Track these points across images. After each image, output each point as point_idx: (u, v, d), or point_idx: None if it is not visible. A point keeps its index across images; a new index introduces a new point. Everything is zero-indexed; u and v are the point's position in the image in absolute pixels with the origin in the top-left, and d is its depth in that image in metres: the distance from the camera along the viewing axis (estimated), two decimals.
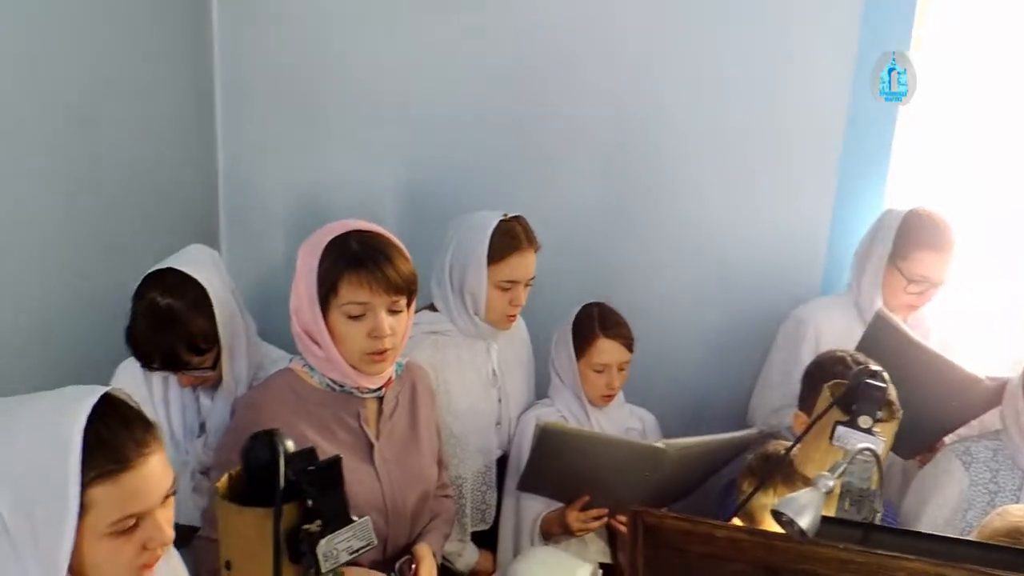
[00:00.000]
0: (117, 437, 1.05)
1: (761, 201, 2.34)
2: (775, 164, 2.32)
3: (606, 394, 2.00)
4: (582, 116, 2.37)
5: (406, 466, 1.59)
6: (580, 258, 2.43)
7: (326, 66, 2.45)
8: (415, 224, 2.41)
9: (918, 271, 2.05)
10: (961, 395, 1.91)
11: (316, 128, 2.50)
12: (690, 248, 2.41)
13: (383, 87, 2.44)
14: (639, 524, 1.14)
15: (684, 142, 2.35)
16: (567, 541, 1.96)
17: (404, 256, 1.50)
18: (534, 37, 2.34)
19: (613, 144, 2.39)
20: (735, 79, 2.28)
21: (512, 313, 1.95)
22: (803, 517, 1.01)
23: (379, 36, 2.41)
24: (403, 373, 1.64)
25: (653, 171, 2.38)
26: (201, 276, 1.60)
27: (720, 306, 2.43)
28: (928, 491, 1.89)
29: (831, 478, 1.07)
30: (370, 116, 2.47)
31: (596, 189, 2.42)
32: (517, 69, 2.36)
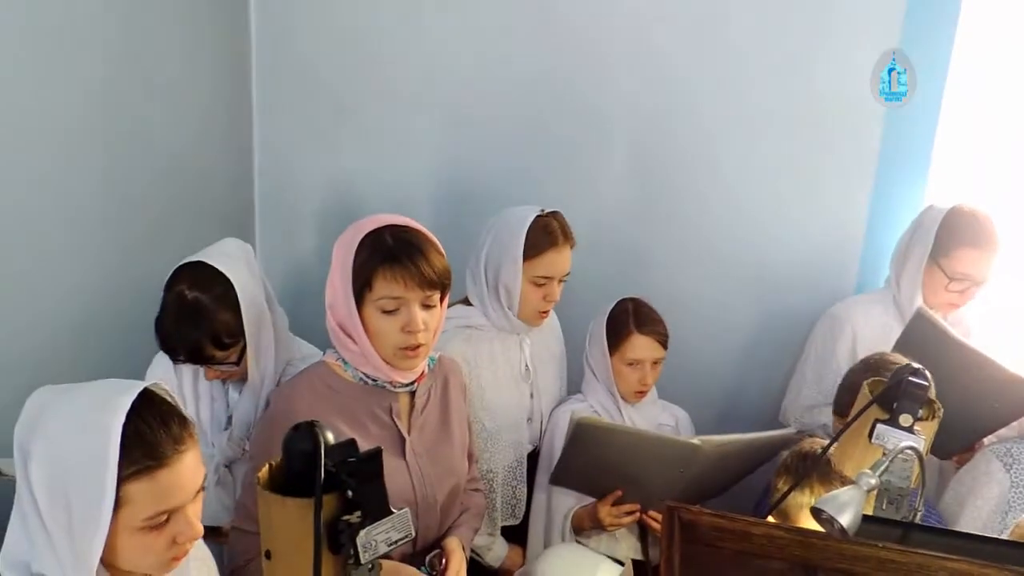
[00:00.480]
0: (155, 434, 1.06)
1: (796, 198, 2.32)
2: (810, 160, 2.29)
3: (639, 390, 1.99)
4: (615, 113, 2.37)
5: (437, 460, 1.59)
6: (613, 254, 2.43)
7: (360, 63, 2.47)
8: (448, 219, 2.42)
9: (960, 269, 2.01)
10: (1003, 395, 1.87)
11: (350, 124, 2.53)
12: (723, 245, 2.39)
13: (417, 85, 2.45)
14: (675, 520, 1.13)
15: (717, 139, 2.33)
16: (598, 537, 1.96)
17: (438, 251, 1.51)
18: (565, 34, 2.33)
19: (647, 141, 2.38)
20: (769, 74, 2.26)
21: (546, 309, 1.95)
22: (844, 515, 1.00)
23: (412, 34, 2.42)
24: (435, 367, 1.65)
25: (686, 168, 2.37)
26: (229, 270, 1.61)
27: (753, 303, 2.41)
28: (967, 492, 1.86)
29: (873, 476, 1.06)
30: (404, 113, 2.48)
31: (629, 186, 2.42)
32: (548, 66, 2.36)
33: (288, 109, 2.54)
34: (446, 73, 2.43)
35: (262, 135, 2.54)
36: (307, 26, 2.48)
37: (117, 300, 1.99)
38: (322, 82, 2.51)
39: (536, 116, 2.41)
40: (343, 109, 2.52)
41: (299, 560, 0.87)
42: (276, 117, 2.54)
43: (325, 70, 2.50)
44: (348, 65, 2.48)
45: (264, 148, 2.56)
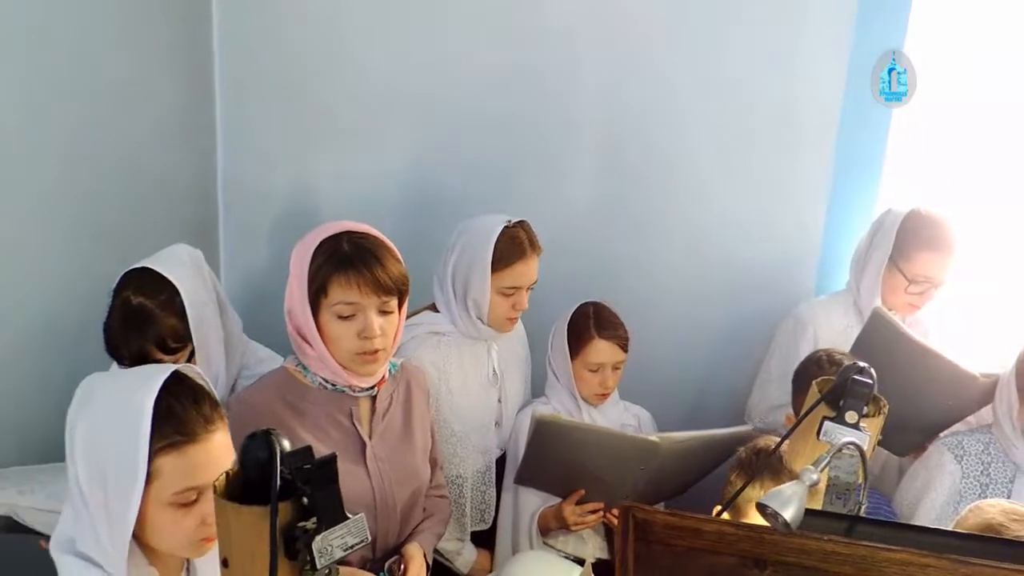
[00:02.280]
0: (186, 411, 1.12)
1: (756, 201, 2.37)
2: (770, 165, 2.34)
3: (600, 393, 2.03)
4: (582, 116, 2.40)
5: (398, 465, 1.61)
6: (579, 256, 2.46)
7: (326, 65, 2.47)
8: (416, 224, 2.44)
9: (919, 272, 2.06)
10: (957, 392, 1.92)
11: (316, 127, 2.52)
12: (687, 247, 2.43)
13: (383, 87, 2.46)
14: (630, 519, 1.16)
15: (681, 144, 2.37)
16: (565, 537, 1.99)
17: (395, 257, 1.53)
18: (534, 37, 2.36)
19: (612, 144, 2.41)
20: (730, 80, 2.30)
21: (514, 316, 1.98)
22: (787, 510, 1.03)
23: (379, 36, 2.43)
24: (398, 373, 1.67)
25: (650, 171, 2.41)
26: (175, 275, 1.63)
27: (716, 305, 2.45)
28: (922, 485, 1.91)
29: (815, 472, 1.09)
30: (370, 116, 2.49)
31: (595, 188, 2.45)
32: (517, 68, 2.38)
33: (253, 112, 2.53)
34: (413, 77, 2.44)
35: (226, 138, 2.54)
36: (272, 27, 2.47)
37: (76, 306, 1.98)
38: (288, 84, 2.51)
39: (503, 120, 2.43)
40: (309, 112, 2.52)
41: (256, 567, 0.88)
42: (240, 120, 2.53)
43: (291, 72, 2.50)
44: (314, 68, 2.49)
45: (228, 151, 2.55)
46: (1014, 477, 1.83)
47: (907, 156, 2.28)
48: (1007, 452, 1.84)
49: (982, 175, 2.26)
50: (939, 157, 2.27)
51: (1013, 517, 1.50)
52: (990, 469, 1.85)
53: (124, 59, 2.14)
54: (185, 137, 2.43)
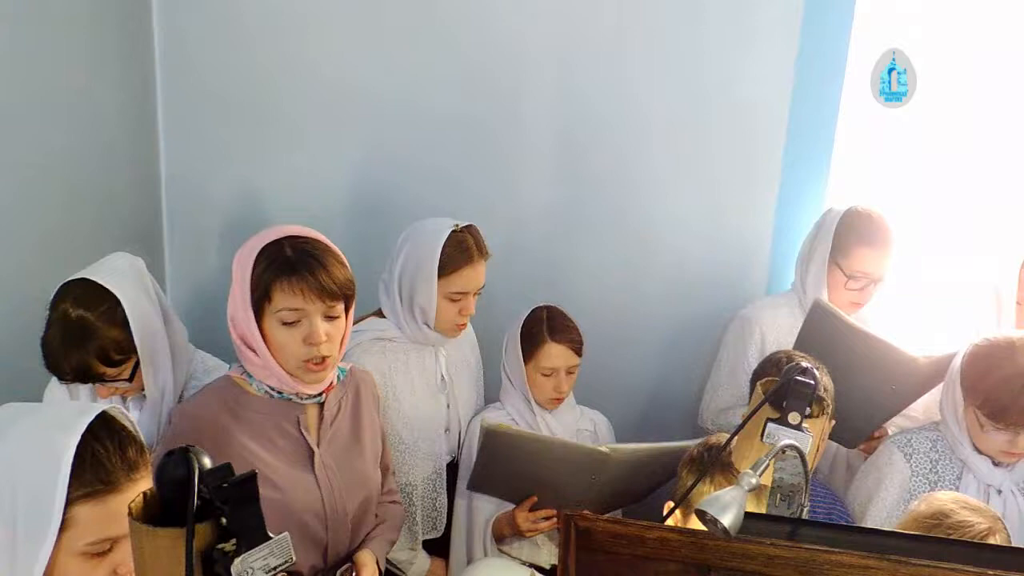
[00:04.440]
0: (110, 457, 1.05)
1: (708, 203, 2.37)
2: (721, 167, 2.35)
3: (555, 397, 2.01)
4: (533, 119, 2.38)
5: (348, 472, 1.59)
6: (531, 259, 2.44)
7: (271, 69, 2.42)
8: (364, 230, 2.40)
9: (857, 267, 2.08)
10: (900, 376, 1.95)
11: (263, 131, 2.47)
12: (640, 250, 2.43)
13: (332, 90, 2.41)
14: (571, 528, 1.14)
15: (632, 146, 2.37)
16: (519, 543, 1.97)
17: (340, 262, 1.51)
18: (486, 38, 2.33)
19: (564, 147, 2.40)
20: (681, 83, 2.30)
21: (462, 322, 1.96)
22: (726, 515, 1.02)
23: (326, 38, 2.38)
24: (346, 378, 1.64)
25: (602, 174, 2.40)
26: (116, 286, 1.58)
27: (670, 307, 2.45)
28: (873, 484, 1.92)
29: (754, 475, 1.08)
30: (319, 119, 2.44)
31: (547, 191, 2.43)
32: (467, 70, 2.36)
33: (196, 118, 2.46)
34: (362, 79, 2.40)
35: (169, 144, 2.47)
36: (215, 31, 2.40)
37: (13, 320, 1.91)
38: (232, 89, 2.45)
39: (454, 122, 2.40)
40: (256, 117, 2.46)
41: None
42: (183, 126, 2.46)
43: (235, 76, 2.44)
44: (259, 72, 2.43)
45: (171, 157, 2.49)
46: (961, 474, 1.84)
47: (854, 156, 2.30)
48: (954, 449, 1.86)
49: (927, 173, 2.29)
50: (886, 156, 2.30)
51: (963, 504, 1.54)
52: (938, 466, 1.86)
53: (63, 65, 2.08)
54: (126, 144, 2.37)
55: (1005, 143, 2.27)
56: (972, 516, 1.46)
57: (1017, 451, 1.78)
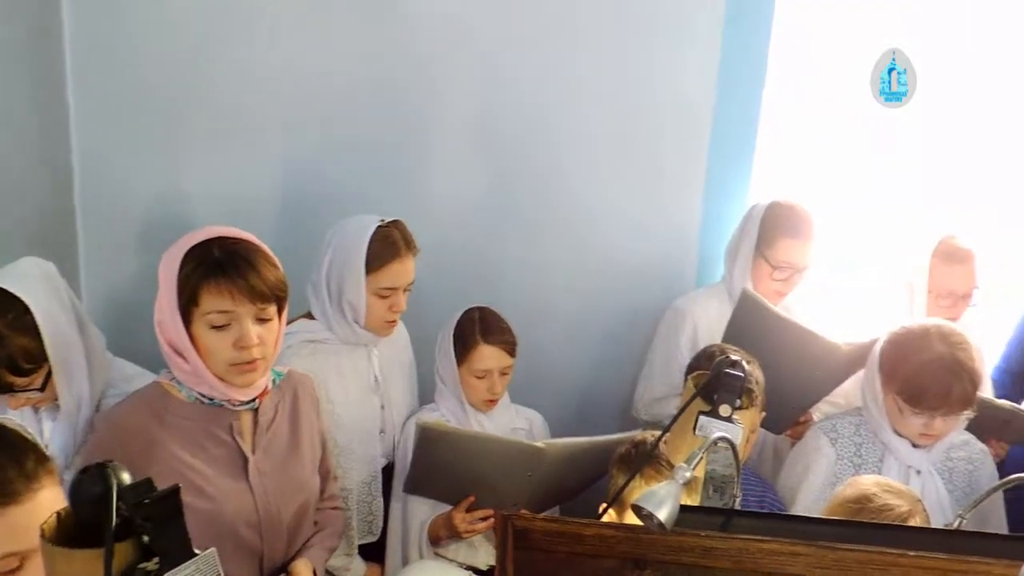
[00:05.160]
0: (5, 469, 1.01)
1: (637, 200, 2.39)
2: (648, 163, 2.37)
3: (489, 399, 2.00)
4: (464, 115, 2.35)
5: (284, 478, 1.55)
6: (463, 257, 2.42)
7: (194, 63, 2.30)
8: (294, 230, 2.32)
9: (782, 258, 2.14)
10: (824, 363, 2.02)
11: (185, 128, 2.35)
12: (571, 246, 2.43)
13: (257, 86, 2.32)
14: (508, 528, 1.13)
15: (563, 142, 2.36)
16: (456, 545, 1.95)
17: (271, 262, 1.47)
18: (409, 35, 2.29)
19: (494, 143, 2.38)
20: (609, 81, 2.31)
21: (392, 319, 1.93)
22: (662, 510, 1.03)
23: (251, 32, 2.29)
24: (283, 382, 1.61)
25: (533, 171, 2.39)
26: (25, 292, 1.51)
27: (602, 302, 2.46)
28: (801, 469, 1.97)
29: (688, 469, 1.10)
30: (243, 118, 2.34)
31: (477, 188, 2.41)
32: (392, 67, 2.31)
33: (113, 117, 2.33)
34: (285, 79, 2.32)
35: (82, 144, 2.34)
36: (128, 31, 2.29)
37: None
38: (151, 88, 2.34)
39: (381, 122, 2.35)
40: (175, 114, 2.34)
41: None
42: (98, 125, 2.32)
43: (154, 75, 2.33)
44: (179, 71, 2.33)
45: (85, 158, 2.35)
46: (883, 456, 1.91)
47: (775, 152, 2.37)
48: (875, 433, 1.92)
49: (845, 167, 2.37)
50: (805, 152, 2.38)
51: (885, 488, 1.60)
52: (862, 450, 1.93)
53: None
54: (36, 142, 2.24)
55: (918, 141, 2.36)
56: (894, 499, 1.52)
57: (934, 433, 1.85)
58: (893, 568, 1.07)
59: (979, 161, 2.39)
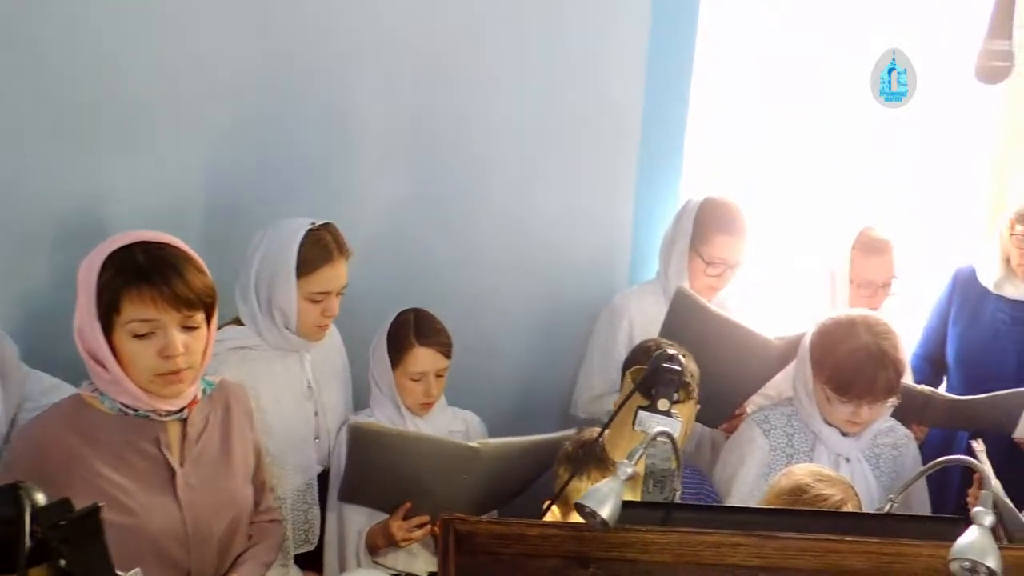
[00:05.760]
0: None
1: (571, 198, 2.39)
2: (581, 162, 2.37)
3: (424, 402, 1.97)
4: (394, 114, 2.31)
5: (215, 491, 1.50)
6: (397, 258, 2.37)
7: (112, 57, 2.18)
8: (222, 231, 2.22)
9: (715, 254, 2.17)
10: (757, 357, 2.06)
11: (102, 127, 2.22)
12: (506, 245, 2.41)
13: (180, 83, 2.20)
14: (451, 532, 1.11)
15: (496, 142, 2.34)
16: (395, 553, 1.92)
17: (197, 268, 1.42)
18: (334, 33, 2.23)
19: (426, 143, 2.34)
20: (542, 82, 2.30)
21: (325, 324, 1.88)
22: (604, 508, 1.02)
23: (172, 25, 2.17)
24: (215, 392, 1.56)
25: (467, 171, 2.37)
26: None
27: (539, 301, 2.46)
28: (736, 460, 2.01)
29: (630, 465, 1.10)
30: (166, 114, 2.22)
31: (411, 188, 2.37)
32: (320, 66, 2.25)
33: (18, 115, 2.19)
34: (210, 76, 2.21)
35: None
36: (33, 21, 2.15)
37: None
38: (65, 85, 2.21)
39: (309, 122, 2.28)
40: (91, 116, 2.24)
41: None
42: (6, 123, 2.21)
43: (68, 72, 2.19)
44: (96, 69, 2.20)
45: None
46: (814, 445, 1.96)
47: (704, 149, 2.42)
48: (807, 423, 1.97)
49: (772, 163, 2.43)
50: (734, 147, 2.43)
51: (818, 477, 1.64)
52: (793, 440, 1.97)
53: None
54: None
55: (836, 138, 2.44)
56: (828, 488, 1.56)
57: (861, 421, 1.91)
58: (831, 554, 1.09)
59: (897, 152, 2.48)
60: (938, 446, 2.28)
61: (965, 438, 2.06)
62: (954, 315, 2.28)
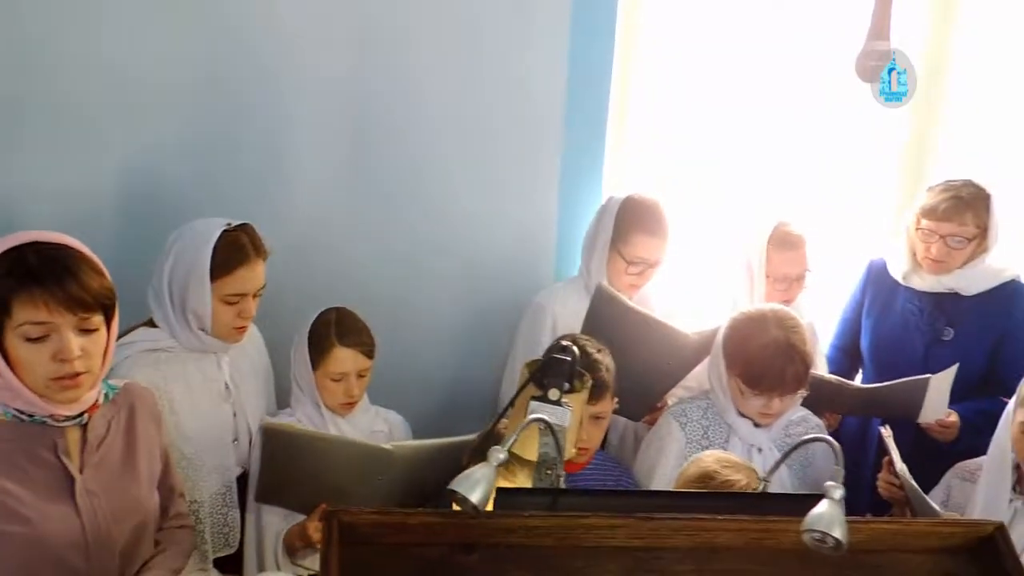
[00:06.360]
0: None
1: (496, 197, 2.41)
2: (506, 161, 2.39)
3: (346, 402, 1.97)
4: (316, 114, 2.30)
5: (118, 497, 1.48)
6: (322, 257, 2.38)
7: (15, 53, 2.14)
8: (138, 231, 2.18)
9: (636, 254, 2.20)
10: (674, 351, 2.10)
11: (19, 125, 2.19)
12: (432, 244, 2.43)
13: (91, 79, 2.17)
14: (334, 524, 1.12)
15: (422, 142, 2.36)
16: (313, 555, 1.91)
17: (95, 269, 1.40)
18: (258, 30, 2.22)
19: (351, 141, 2.35)
20: (461, 80, 2.32)
21: (242, 326, 1.87)
22: (475, 493, 1.04)
23: (80, 27, 2.15)
24: (118, 396, 1.54)
25: (390, 171, 2.38)
26: None
27: (465, 300, 2.48)
28: (654, 453, 2.05)
29: (502, 451, 1.12)
30: (77, 114, 2.19)
31: (334, 186, 2.37)
32: (248, 62, 2.23)
33: None
34: (125, 72, 2.18)
35: None
36: None
37: None
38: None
39: (232, 123, 2.27)
40: (14, 113, 2.20)
41: None
42: None
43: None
44: (15, 63, 2.15)
45: None
46: (728, 437, 2.00)
47: (624, 147, 2.46)
48: (721, 415, 2.02)
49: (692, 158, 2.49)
50: (657, 144, 2.48)
51: (724, 464, 1.68)
52: (709, 432, 2.02)
53: None
54: None
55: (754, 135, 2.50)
56: (733, 474, 1.61)
57: (773, 412, 1.96)
58: (703, 532, 1.12)
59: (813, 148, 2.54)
60: (854, 434, 2.35)
61: (878, 425, 2.11)
62: (867, 307, 2.34)
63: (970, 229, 2.15)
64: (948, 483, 1.99)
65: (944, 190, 2.16)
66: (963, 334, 2.21)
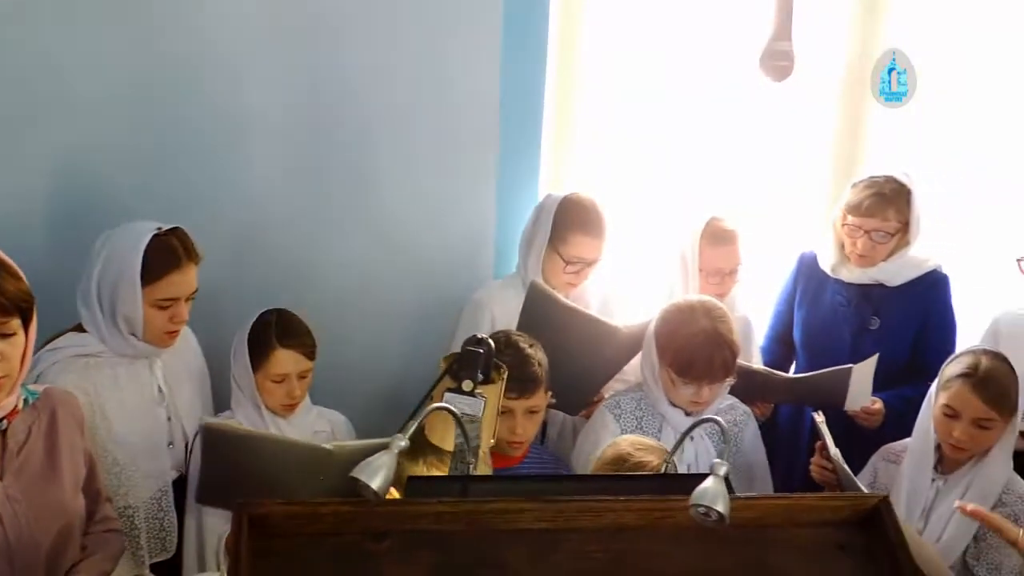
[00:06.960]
0: None
1: (435, 195, 2.44)
2: (445, 160, 2.42)
3: (287, 403, 1.98)
4: (256, 114, 2.30)
5: (40, 502, 1.48)
6: (262, 258, 2.37)
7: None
8: (69, 238, 2.13)
9: (574, 253, 2.23)
10: (607, 346, 2.15)
11: None
12: (373, 241, 2.44)
13: (21, 75, 2.15)
14: (244, 518, 1.13)
15: (358, 142, 2.37)
16: None
17: (11, 272, 1.40)
18: (196, 27, 2.21)
19: (289, 144, 2.35)
20: (400, 81, 2.34)
21: (174, 330, 1.87)
22: (375, 479, 1.06)
23: (12, 28, 2.13)
24: (38, 401, 1.53)
25: (330, 169, 2.38)
26: None
27: (407, 297, 2.49)
28: (590, 445, 2.08)
29: (403, 439, 1.14)
30: (6, 117, 2.16)
31: (275, 187, 2.37)
32: (186, 61, 2.22)
33: None
34: (56, 69, 2.16)
35: None
36: None
37: None
38: None
39: (162, 123, 2.25)
40: None
41: None
42: None
43: None
44: None
45: None
46: (661, 427, 2.04)
47: (562, 145, 2.50)
48: (654, 406, 2.06)
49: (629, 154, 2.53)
50: (596, 142, 2.52)
51: (638, 447, 1.73)
52: (642, 423, 2.06)
53: None
54: None
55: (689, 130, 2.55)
56: (646, 455, 1.65)
57: (703, 400, 2.01)
58: (608, 513, 1.15)
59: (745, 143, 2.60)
60: (788, 421, 2.40)
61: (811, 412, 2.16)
62: (799, 298, 2.39)
63: (892, 224, 2.21)
64: (874, 465, 2.05)
65: (867, 187, 2.23)
66: (888, 323, 2.27)
